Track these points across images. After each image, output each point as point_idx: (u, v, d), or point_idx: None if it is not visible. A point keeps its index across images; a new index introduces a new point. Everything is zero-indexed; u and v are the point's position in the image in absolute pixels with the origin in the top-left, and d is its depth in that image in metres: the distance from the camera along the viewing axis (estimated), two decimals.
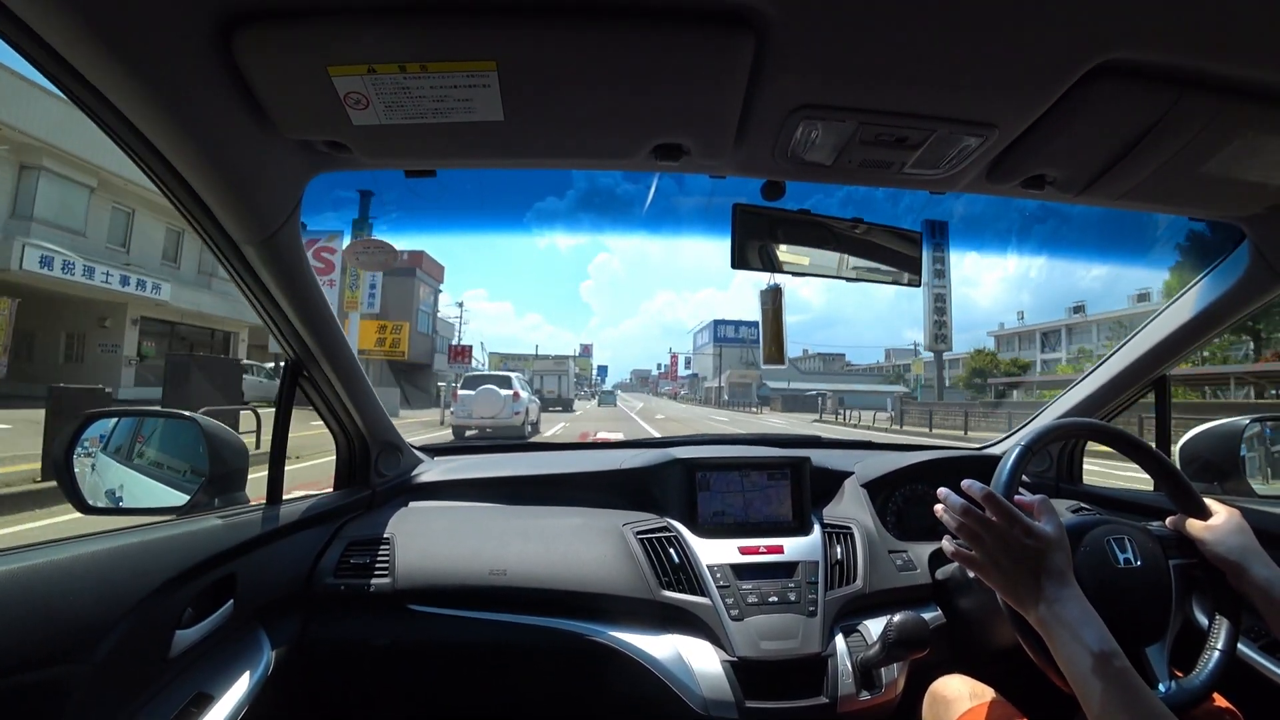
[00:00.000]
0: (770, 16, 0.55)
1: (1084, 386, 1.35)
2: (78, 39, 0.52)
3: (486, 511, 1.27)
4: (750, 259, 0.93)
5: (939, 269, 21.88)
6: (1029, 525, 0.70)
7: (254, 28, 0.55)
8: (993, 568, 0.70)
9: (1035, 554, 0.68)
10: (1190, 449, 1.27)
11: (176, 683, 0.77)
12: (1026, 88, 0.64)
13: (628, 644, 0.99)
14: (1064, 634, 0.63)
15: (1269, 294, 1.04)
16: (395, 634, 1.03)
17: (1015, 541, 0.69)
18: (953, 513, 0.74)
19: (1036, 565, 0.67)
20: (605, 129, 0.72)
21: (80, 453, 0.98)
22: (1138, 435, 0.86)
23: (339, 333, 1.05)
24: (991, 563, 0.70)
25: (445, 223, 4.49)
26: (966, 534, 0.72)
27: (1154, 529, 0.83)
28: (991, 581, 0.71)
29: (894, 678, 0.98)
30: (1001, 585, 0.70)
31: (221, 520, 0.92)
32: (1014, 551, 0.69)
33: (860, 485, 1.32)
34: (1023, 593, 0.68)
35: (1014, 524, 0.70)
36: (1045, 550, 0.68)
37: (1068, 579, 0.67)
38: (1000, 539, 0.70)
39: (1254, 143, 0.73)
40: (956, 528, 0.74)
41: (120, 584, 0.70)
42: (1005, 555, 0.69)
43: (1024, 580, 0.68)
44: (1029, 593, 0.67)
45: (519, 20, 0.56)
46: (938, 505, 0.77)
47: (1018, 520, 0.70)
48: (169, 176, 0.70)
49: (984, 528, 0.71)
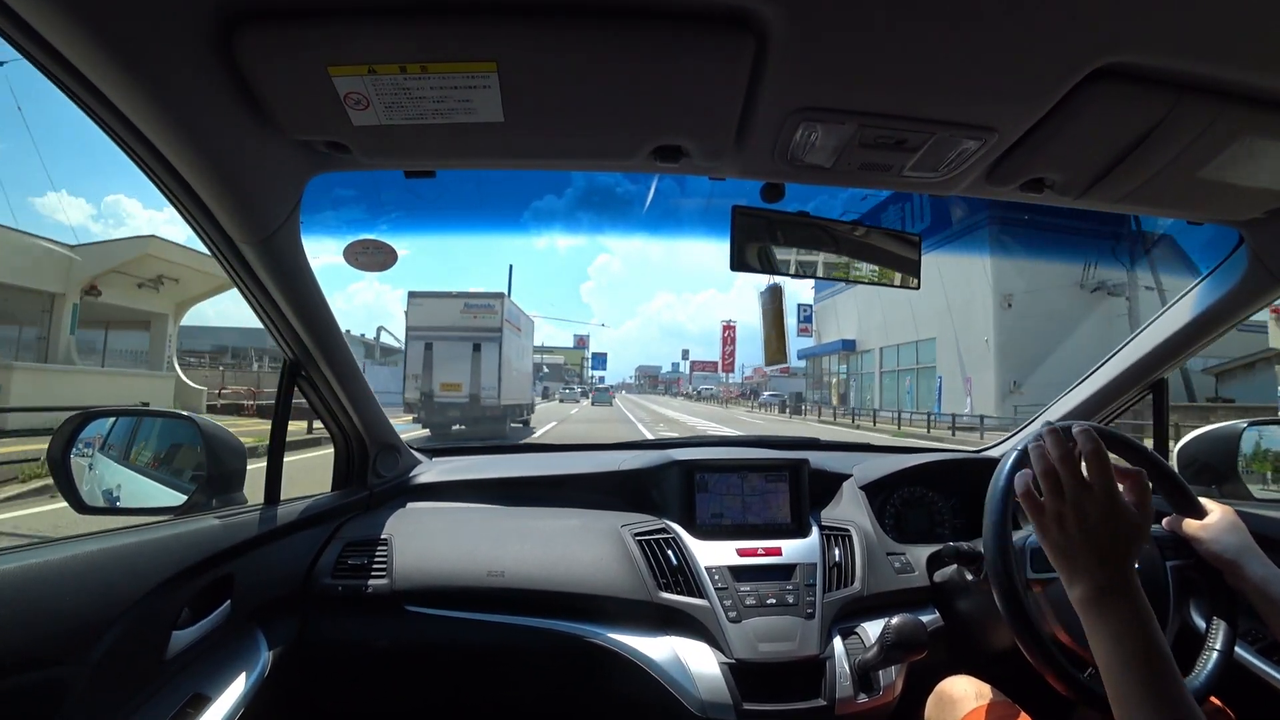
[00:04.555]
0: (771, 19, 0.55)
1: (1082, 389, 1.35)
2: (77, 37, 0.52)
3: (484, 513, 1.27)
4: (750, 261, 0.93)
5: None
6: (1121, 503, 0.62)
7: (254, 27, 0.55)
8: (1057, 527, 0.63)
9: (1111, 532, 0.61)
10: (1188, 452, 1.27)
11: (173, 683, 0.76)
12: (1026, 91, 0.65)
13: (625, 646, 0.99)
14: (1114, 625, 0.57)
15: (1266, 298, 1.05)
16: (393, 635, 1.03)
17: (1097, 512, 0.61)
18: (1055, 447, 0.65)
19: (1107, 544, 0.60)
20: (605, 130, 0.72)
21: (77, 452, 0.98)
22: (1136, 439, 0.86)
23: (338, 333, 1.05)
24: (1059, 522, 0.63)
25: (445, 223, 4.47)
26: (1050, 480, 0.64)
27: (1151, 530, 0.83)
28: (1048, 539, 0.64)
29: (892, 680, 0.98)
30: (1058, 548, 0.63)
31: (219, 520, 0.92)
32: (1090, 522, 0.61)
33: (859, 487, 1.32)
34: (1077, 565, 0.61)
35: (1108, 497, 0.62)
36: (1122, 532, 0.61)
37: (1131, 568, 0.60)
38: (1082, 503, 0.62)
39: (1253, 147, 0.73)
40: (1043, 471, 0.65)
41: (117, 584, 0.70)
42: (1079, 521, 0.62)
43: (1086, 553, 0.61)
44: (1083, 569, 0.61)
45: (519, 21, 0.56)
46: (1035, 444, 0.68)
47: (1113, 496, 0.62)
48: (168, 176, 0.70)
49: (1076, 485, 0.63)
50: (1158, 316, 1.21)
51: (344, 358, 1.09)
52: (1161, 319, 1.19)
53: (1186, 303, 1.14)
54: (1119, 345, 1.28)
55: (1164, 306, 1.20)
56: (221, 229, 0.79)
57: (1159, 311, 1.21)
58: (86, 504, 0.96)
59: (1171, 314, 1.17)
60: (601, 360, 77.24)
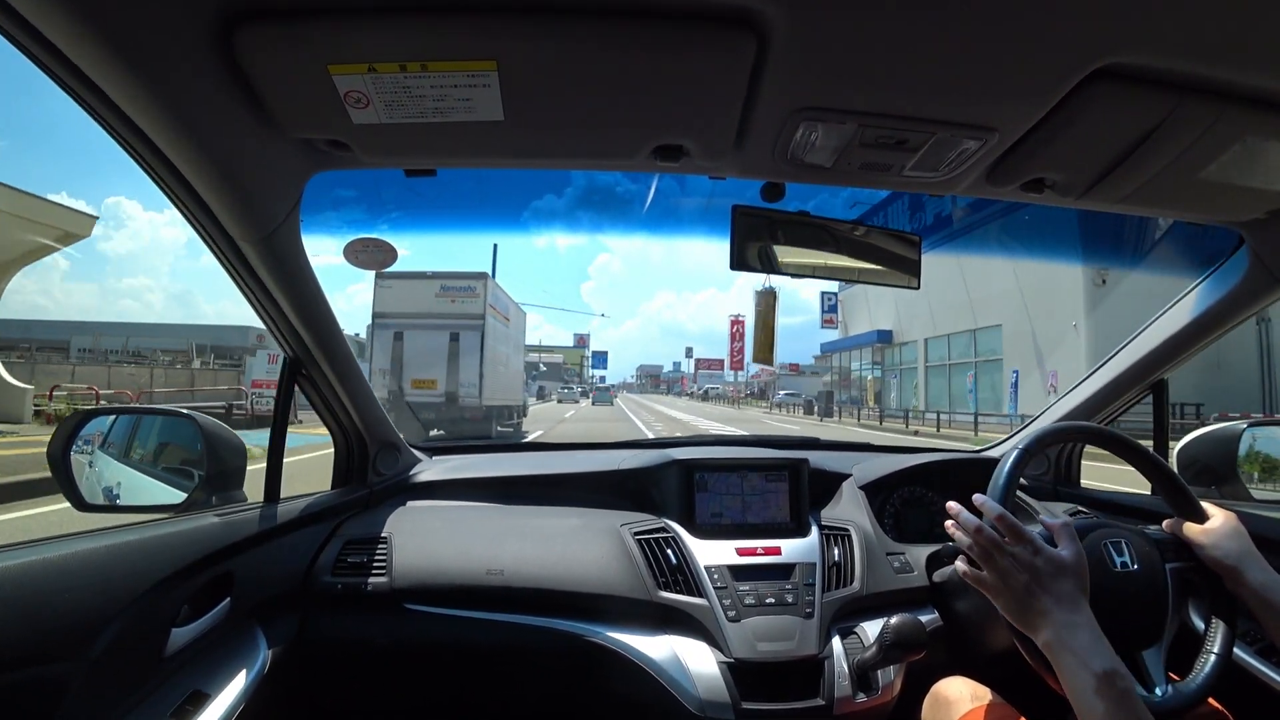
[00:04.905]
0: (772, 19, 0.55)
1: (1082, 390, 1.35)
2: (79, 36, 0.52)
3: (484, 511, 1.27)
4: (749, 260, 0.93)
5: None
6: (1041, 548, 0.68)
7: (255, 26, 0.55)
8: (1002, 589, 0.69)
9: (1047, 578, 0.66)
10: (1188, 453, 1.27)
11: (172, 680, 0.77)
12: (1026, 92, 0.65)
13: (624, 644, 0.99)
14: (1071, 661, 0.62)
15: (1267, 298, 1.05)
16: (392, 633, 1.03)
17: (1027, 564, 0.67)
18: (965, 530, 0.72)
19: (1047, 590, 0.66)
20: (605, 129, 0.72)
21: (77, 450, 0.98)
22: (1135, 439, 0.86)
23: (338, 331, 1.05)
24: (1001, 584, 0.68)
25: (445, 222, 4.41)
26: (978, 552, 0.71)
27: (1151, 533, 0.83)
28: (1000, 603, 0.69)
29: (891, 680, 0.98)
30: (1010, 608, 0.68)
31: (219, 518, 0.92)
32: (1024, 575, 0.67)
33: (858, 487, 1.32)
34: (1031, 617, 0.66)
35: (1027, 547, 0.68)
36: (1057, 575, 0.66)
37: (1080, 605, 0.65)
38: (1012, 561, 0.68)
39: (1253, 148, 0.73)
40: (968, 546, 0.72)
41: (116, 581, 0.70)
42: (1015, 578, 0.67)
43: (1033, 604, 0.66)
44: (1037, 617, 0.65)
45: (519, 20, 0.56)
46: (949, 521, 0.75)
47: (1031, 542, 0.68)
48: (168, 174, 0.70)
49: (997, 549, 0.69)
50: (1158, 317, 1.21)
51: (344, 356, 1.09)
52: (1162, 320, 1.19)
53: (1187, 303, 1.14)
54: (1119, 345, 1.29)
55: (1165, 307, 1.20)
56: (222, 227, 0.79)
57: (1159, 312, 1.21)
58: (86, 501, 0.96)
59: (1172, 314, 1.17)
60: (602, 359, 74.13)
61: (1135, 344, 1.24)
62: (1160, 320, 1.20)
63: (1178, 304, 1.16)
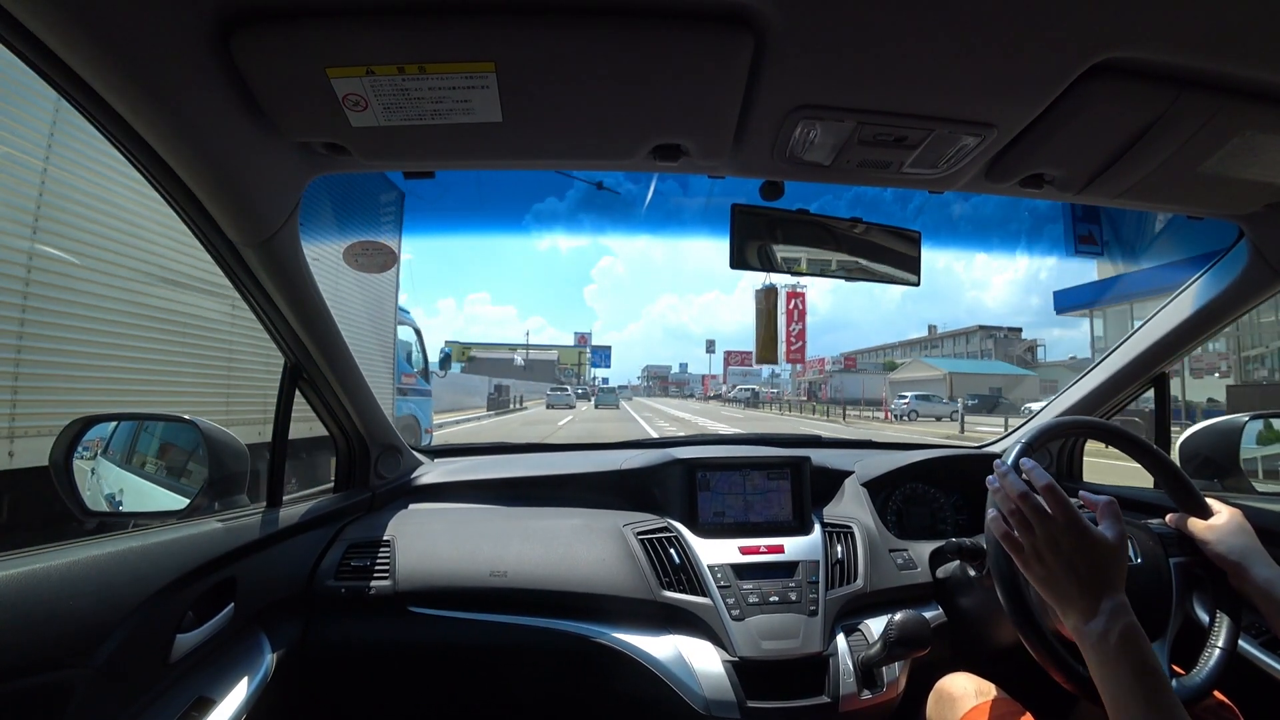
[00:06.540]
0: (769, 17, 0.55)
1: (1084, 384, 1.35)
2: (75, 40, 0.52)
3: (487, 513, 1.27)
4: (749, 259, 0.93)
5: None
6: (1088, 528, 0.64)
7: (252, 29, 0.55)
8: (1037, 562, 0.65)
9: (1089, 561, 0.63)
10: (1190, 446, 1.27)
11: (177, 686, 0.76)
12: (1025, 87, 0.64)
13: (629, 645, 0.99)
14: (1106, 651, 0.59)
15: (1267, 291, 1.05)
16: (396, 636, 1.03)
17: (1068, 541, 0.64)
18: (1009, 494, 0.68)
19: (1087, 572, 0.63)
20: (604, 130, 0.72)
21: (79, 456, 0.98)
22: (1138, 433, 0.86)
23: (338, 335, 1.05)
24: (1037, 557, 0.65)
25: (445, 224, 4.41)
26: (1018, 520, 0.67)
27: (1154, 527, 0.83)
28: (1032, 575, 0.66)
29: (895, 677, 0.98)
30: (1044, 582, 0.65)
31: (221, 523, 0.92)
32: (1065, 552, 0.64)
33: (860, 484, 1.32)
34: (1065, 596, 0.63)
35: (1072, 523, 0.65)
36: (1100, 559, 0.63)
37: (1118, 591, 0.62)
38: (1052, 535, 0.65)
39: (1252, 142, 0.73)
40: (1010, 511, 0.68)
41: (120, 588, 0.70)
42: (1054, 553, 0.64)
43: (1069, 583, 0.63)
44: (1072, 599, 0.63)
45: (517, 21, 0.56)
46: (991, 478, 0.72)
47: (1077, 521, 0.65)
48: (167, 178, 0.70)
49: (1039, 518, 0.66)
50: (1159, 311, 1.21)
51: (344, 359, 1.09)
52: (1162, 313, 1.19)
53: (1187, 297, 1.14)
54: (1121, 339, 1.29)
55: (1165, 300, 1.20)
56: (220, 231, 0.79)
57: (1160, 306, 1.21)
58: (89, 508, 0.96)
59: (1172, 308, 1.17)
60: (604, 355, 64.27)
61: (1136, 338, 1.24)
62: (1160, 314, 1.20)
63: (1178, 298, 1.16)
